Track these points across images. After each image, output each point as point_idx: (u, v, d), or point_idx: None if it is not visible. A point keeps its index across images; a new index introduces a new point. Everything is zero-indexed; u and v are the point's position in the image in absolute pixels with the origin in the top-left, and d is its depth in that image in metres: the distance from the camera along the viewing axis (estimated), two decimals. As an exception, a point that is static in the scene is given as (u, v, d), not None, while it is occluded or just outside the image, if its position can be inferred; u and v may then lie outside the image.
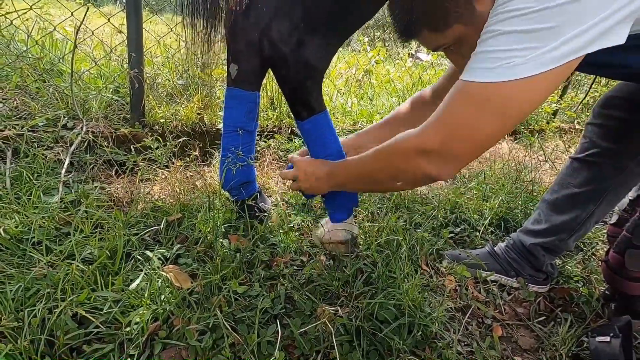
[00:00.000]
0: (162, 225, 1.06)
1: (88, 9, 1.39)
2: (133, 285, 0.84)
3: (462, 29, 0.70)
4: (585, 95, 2.87)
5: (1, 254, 0.87)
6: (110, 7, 5.89)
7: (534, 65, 0.56)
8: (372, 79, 3.08)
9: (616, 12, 0.52)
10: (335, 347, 0.76)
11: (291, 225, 1.20)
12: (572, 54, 0.55)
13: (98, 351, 0.72)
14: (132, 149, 1.37)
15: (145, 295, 0.82)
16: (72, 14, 1.46)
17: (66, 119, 1.43)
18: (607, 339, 0.84)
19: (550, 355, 0.92)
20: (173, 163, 1.41)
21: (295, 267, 1.04)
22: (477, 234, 1.37)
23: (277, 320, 0.83)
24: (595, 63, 0.65)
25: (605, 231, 1.46)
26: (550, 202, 1.08)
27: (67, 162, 1.23)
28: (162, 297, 0.83)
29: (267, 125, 1.92)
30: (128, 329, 0.75)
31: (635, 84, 0.91)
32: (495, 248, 1.19)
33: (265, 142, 1.77)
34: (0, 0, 1.47)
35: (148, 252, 0.95)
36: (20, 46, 1.72)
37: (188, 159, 1.44)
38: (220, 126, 1.69)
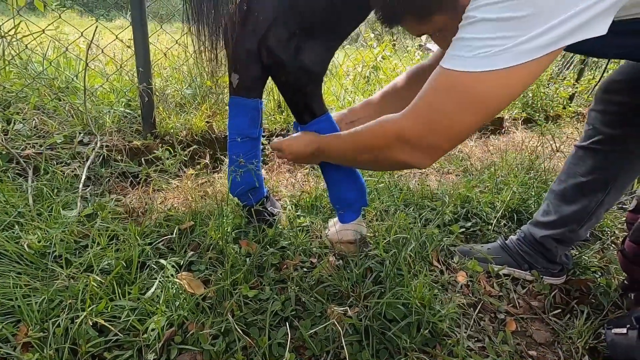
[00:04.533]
0: (174, 233, 1.09)
1: (96, 28, 1.44)
2: (148, 294, 0.87)
3: (445, 19, 0.70)
4: (601, 77, 2.76)
5: (26, 268, 0.92)
6: (121, 20, 6.05)
7: (511, 56, 0.54)
8: (379, 74, 3.05)
9: (598, 2, 0.50)
10: (345, 347, 0.77)
11: (299, 228, 1.22)
12: (550, 45, 0.53)
13: (118, 358, 0.75)
14: (144, 160, 1.42)
15: (161, 302, 0.85)
16: (82, 34, 1.52)
17: (82, 134, 1.49)
18: (624, 330, 0.82)
19: (566, 349, 0.91)
20: (184, 172, 1.45)
21: (304, 269, 1.06)
22: (490, 227, 1.35)
23: (287, 323, 0.85)
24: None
25: (624, 218, 1.42)
26: (557, 192, 1.06)
27: (83, 176, 1.29)
28: (177, 303, 0.86)
29: (275, 129, 1.95)
30: (145, 335, 0.79)
31: (635, 63, 0.89)
32: (507, 241, 1.17)
33: (273, 145, 1.79)
34: (15, 25, 1.54)
35: (162, 261, 0.99)
36: (36, 66, 1.80)
37: (199, 166, 1.48)
38: (229, 133, 1.73)
